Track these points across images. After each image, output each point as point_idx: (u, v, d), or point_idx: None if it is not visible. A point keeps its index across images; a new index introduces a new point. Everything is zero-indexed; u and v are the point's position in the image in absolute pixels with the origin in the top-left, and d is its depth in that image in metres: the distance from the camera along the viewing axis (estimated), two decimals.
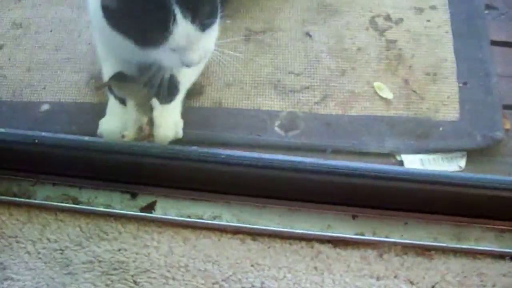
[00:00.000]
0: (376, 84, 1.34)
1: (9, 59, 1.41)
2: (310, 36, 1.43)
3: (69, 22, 1.47)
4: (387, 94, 1.33)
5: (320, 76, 1.36)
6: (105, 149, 1.11)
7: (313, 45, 1.42)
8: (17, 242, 1.11)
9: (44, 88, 1.35)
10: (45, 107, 1.31)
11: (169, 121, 1.20)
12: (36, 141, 1.11)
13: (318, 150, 1.22)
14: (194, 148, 1.11)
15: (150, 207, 1.13)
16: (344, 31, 1.44)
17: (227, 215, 1.12)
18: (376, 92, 1.33)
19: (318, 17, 1.46)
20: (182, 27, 0.98)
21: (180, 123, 1.23)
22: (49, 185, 1.17)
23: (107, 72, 1.25)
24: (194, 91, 1.32)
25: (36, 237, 1.10)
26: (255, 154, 1.10)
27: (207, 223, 1.11)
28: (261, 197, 1.12)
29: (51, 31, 1.46)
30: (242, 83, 1.34)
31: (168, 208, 1.13)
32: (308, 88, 1.33)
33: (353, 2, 1.47)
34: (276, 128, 1.27)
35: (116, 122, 1.21)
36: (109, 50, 1.23)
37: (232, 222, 1.11)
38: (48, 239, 1.10)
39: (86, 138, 1.12)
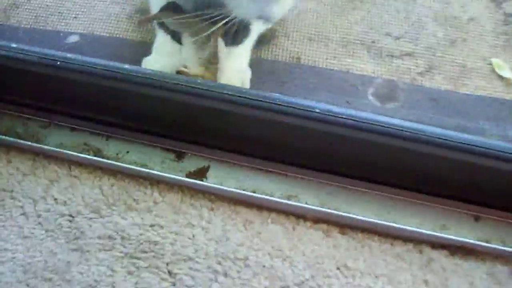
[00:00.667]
0: (494, 61, 1.09)
1: None
2: None
3: None
4: (509, 74, 1.06)
5: (424, 43, 1.10)
6: (149, 83, 0.76)
7: (416, 7, 1.17)
8: (12, 198, 0.77)
9: (75, 17, 1.04)
10: (74, 38, 0.99)
11: (234, 67, 0.93)
12: (58, 63, 0.76)
13: None
14: (278, 95, 0.75)
15: (201, 173, 0.79)
16: None
17: (307, 195, 0.78)
18: (494, 70, 1.07)
19: None
20: None
21: (247, 72, 0.95)
22: (66, 129, 0.84)
23: (156, 3, 0.92)
24: (266, 39, 0.96)
25: (38, 195, 0.77)
26: (363, 114, 0.74)
27: (279, 203, 0.80)
28: (357, 178, 0.77)
29: None
30: (327, 39, 1.04)
31: (225, 178, 0.79)
32: (409, 55, 1.02)
33: None
34: (370, 97, 0.95)
35: (164, 61, 0.88)
36: None
37: (314, 206, 0.77)
38: (55, 199, 0.76)
39: (126, 65, 0.77)
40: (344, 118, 0.75)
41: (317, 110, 0.76)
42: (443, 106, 1.00)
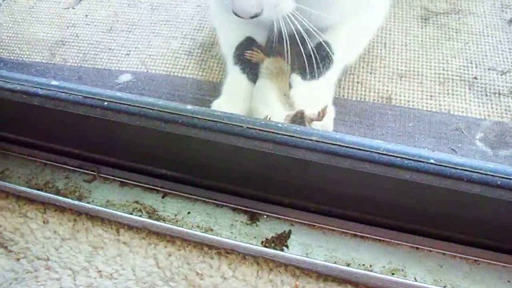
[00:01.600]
0: None
1: (87, 15, 0.97)
2: None
3: None
4: None
5: None
6: (218, 128, 0.58)
7: None
8: (47, 268, 0.59)
9: (128, 54, 0.89)
10: (126, 77, 0.85)
11: (312, 103, 0.73)
12: (106, 103, 0.60)
13: None
14: (379, 142, 0.57)
15: (280, 240, 0.61)
16: None
17: (415, 268, 0.58)
18: None
19: None
20: None
21: (331, 111, 0.76)
22: (115, 183, 0.68)
23: (228, 40, 0.83)
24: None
25: (79, 265, 0.60)
26: (490, 165, 0.55)
27: (380, 279, 0.60)
28: (480, 246, 0.57)
29: None
30: (421, 76, 0.89)
31: (311, 246, 0.61)
32: None
33: None
34: (478, 142, 0.77)
35: (239, 104, 0.76)
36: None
37: (426, 283, 0.55)
38: (99, 272, 0.61)
39: (189, 106, 0.60)
40: (468, 170, 0.55)
41: (432, 161, 0.56)
42: None
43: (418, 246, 0.63)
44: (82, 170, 0.72)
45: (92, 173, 0.72)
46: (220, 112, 0.62)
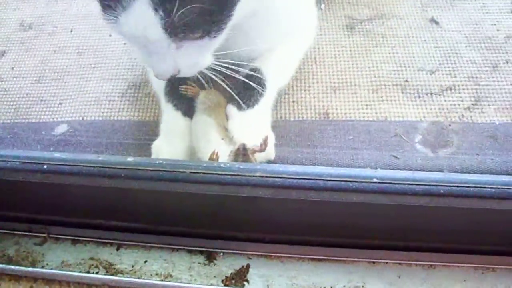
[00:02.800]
0: None
1: (13, 68, 0.96)
2: (436, 23, 1.06)
3: (98, 18, 1.00)
4: None
5: (464, 73, 0.96)
6: (163, 177, 0.60)
7: (444, 34, 1.03)
8: None
9: (61, 104, 0.90)
10: (62, 128, 0.85)
11: (251, 132, 0.75)
12: (45, 166, 0.61)
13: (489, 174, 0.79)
14: (322, 169, 0.60)
15: (240, 276, 0.62)
16: (482, 15, 1.06)
17: (376, 282, 0.60)
18: None
19: (441, 0, 1.08)
20: (139, 13, 0.59)
21: (271, 138, 0.78)
22: (67, 242, 0.67)
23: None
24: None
25: None
26: (433, 175, 0.59)
27: None
28: (436, 249, 0.60)
29: (71, 30, 1.04)
30: (355, 86, 0.92)
31: (272, 276, 0.62)
32: (450, 89, 0.92)
33: None
34: (418, 146, 0.80)
35: (178, 143, 0.77)
36: None
37: None
38: None
39: (130, 158, 0.61)
40: (411, 184, 0.59)
41: (375, 180, 0.59)
42: (503, 142, 0.86)
43: (375, 261, 0.66)
44: (31, 234, 0.72)
45: (42, 235, 0.72)
46: (161, 160, 0.64)
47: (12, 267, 0.68)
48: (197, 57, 0.65)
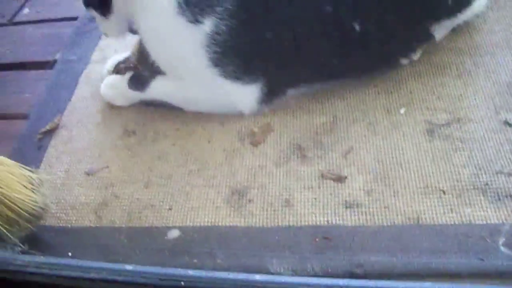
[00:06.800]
0: None
1: (121, 174, 1.11)
2: (510, 125, 1.16)
3: (195, 124, 1.20)
4: None
5: None
6: None
7: None
8: None
9: (170, 209, 1.06)
10: (174, 233, 1.03)
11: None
12: (183, 283, 0.76)
13: None
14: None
15: None
16: None
17: None
18: None
19: None
20: None
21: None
22: None
23: None
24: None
25: None
26: None
27: None
28: None
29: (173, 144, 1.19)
30: (439, 191, 1.07)
31: None
32: None
33: None
34: (503, 248, 0.93)
35: None
36: None
37: None
38: None
39: (257, 276, 0.77)
40: None
41: None
42: None
43: None
44: None
45: None
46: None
47: None
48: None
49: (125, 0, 1.13)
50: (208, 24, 1.09)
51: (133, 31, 1.20)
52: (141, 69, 1.27)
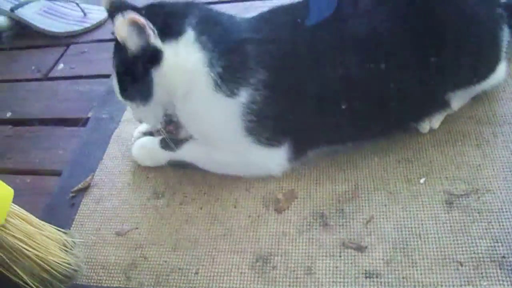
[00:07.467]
0: None
1: (150, 235, 1.18)
2: None
3: (222, 189, 1.27)
4: None
5: None
6: None
7: None
8: None
9: (196, 273, 1.11)
10: None
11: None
12: None
13: None
14: None
15: None
16: None
17: None
18: None
19: None
20: None
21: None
22: None
23: None
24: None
25: None
26: None
27: None
28: None
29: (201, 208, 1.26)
30: (456, 263, 1.10)
31: None
32: None
33: None
34: None
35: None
36: None
37: None
38: None
39: None
40: None
41: None
42: None
43: None
44: None
45: None
46: None
47: None
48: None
49: (167, 90, 1.18)
50: (243, 95, 1.17)
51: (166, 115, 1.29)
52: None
